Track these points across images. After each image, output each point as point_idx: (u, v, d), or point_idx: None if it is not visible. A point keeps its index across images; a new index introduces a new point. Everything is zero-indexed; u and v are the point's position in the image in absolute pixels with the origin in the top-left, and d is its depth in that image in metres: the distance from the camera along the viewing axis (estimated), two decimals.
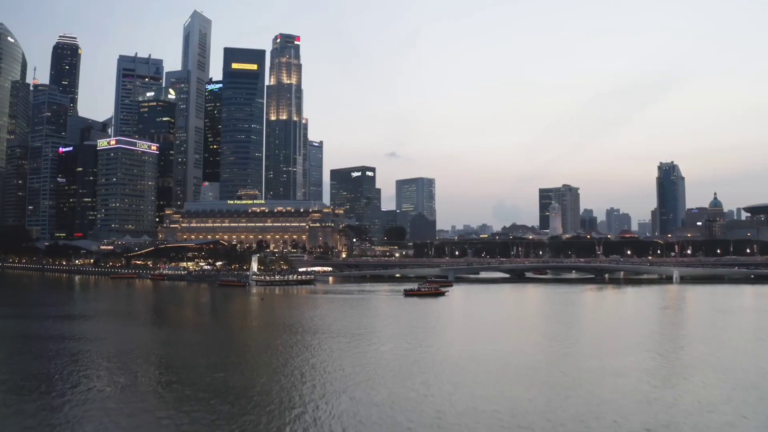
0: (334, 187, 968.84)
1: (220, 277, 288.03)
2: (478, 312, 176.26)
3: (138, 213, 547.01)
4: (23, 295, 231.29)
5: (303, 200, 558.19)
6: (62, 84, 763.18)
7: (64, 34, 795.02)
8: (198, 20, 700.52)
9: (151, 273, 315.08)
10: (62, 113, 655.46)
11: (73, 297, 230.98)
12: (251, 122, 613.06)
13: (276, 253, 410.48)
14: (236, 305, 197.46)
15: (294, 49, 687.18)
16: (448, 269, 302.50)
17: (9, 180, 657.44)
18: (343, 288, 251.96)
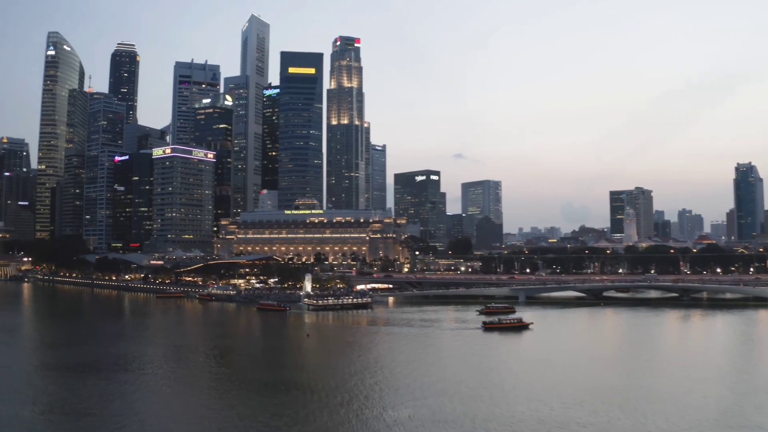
0: (397, 191, 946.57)
1: (262, 299, 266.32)
2: (582, 363, 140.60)
3: (195, 223, 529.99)
4: (76, 325, 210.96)
5: (363, 210, 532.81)
6: (121, 91, 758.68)
7: (122, 41, 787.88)
8: (256, 24, 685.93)
9: (199, 292, 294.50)
10: (118, 121, 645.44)
11: (122, 327, 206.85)
12: (309, 128, 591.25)
13: (334, 266, 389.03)
14: (273, 343, 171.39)
15: (354, 51, 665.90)
16: (518, 289, 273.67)
17: (67, 189, 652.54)
18: (405, 315, 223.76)
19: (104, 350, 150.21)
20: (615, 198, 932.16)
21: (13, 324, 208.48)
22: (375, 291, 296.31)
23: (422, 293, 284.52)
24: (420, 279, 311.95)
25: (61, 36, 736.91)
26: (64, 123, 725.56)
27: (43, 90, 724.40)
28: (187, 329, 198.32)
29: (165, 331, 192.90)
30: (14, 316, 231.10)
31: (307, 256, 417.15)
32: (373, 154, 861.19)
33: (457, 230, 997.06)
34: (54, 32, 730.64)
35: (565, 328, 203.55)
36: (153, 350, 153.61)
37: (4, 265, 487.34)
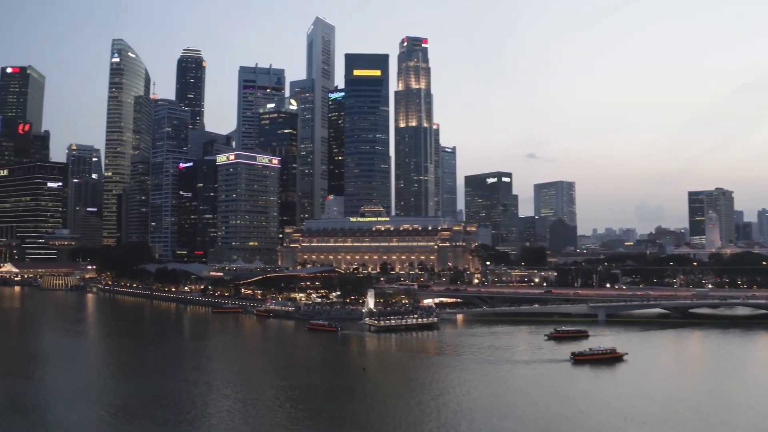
0: (468, 194, 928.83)
1: (320, 316, 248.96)
2: (709, 414, 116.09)
3: (259, 230, 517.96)
4: (136, 349, 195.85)
5: (432, 217, 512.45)
6: (188, 97, 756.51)
7: (188, 47, 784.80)
8: (321, 27, 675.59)
9: (257, 308, 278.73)
10: (183, 128, 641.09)
11: (180, 353, 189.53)
12: (376, 132, 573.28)
13: (401, 277, 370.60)
14: (320, 379, 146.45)
15: (422, 52, 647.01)
16: (597, 307, 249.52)
17: (133, 196, 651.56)
18: (475, 339, 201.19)
19: (155, 387, 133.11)
20: (694, 199, 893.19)
21: (76, 349, 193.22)
22: (442, 306, 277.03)
23: (493, 311, 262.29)
24: (491, 294, 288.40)
25: (126, 43, 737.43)
26: (130, 130, 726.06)
27: (109, 97, 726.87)
28: (234, 356, 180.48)
29: (212, 361, 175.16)
30: (78, 338, 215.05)
31: (373, 265, 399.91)
32: (443, 156, 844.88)
33: (530, 233, 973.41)
34: (118, 39, 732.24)
35: (661, 358, 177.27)
36: (190, 389, 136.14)
37: (68, 273, 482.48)
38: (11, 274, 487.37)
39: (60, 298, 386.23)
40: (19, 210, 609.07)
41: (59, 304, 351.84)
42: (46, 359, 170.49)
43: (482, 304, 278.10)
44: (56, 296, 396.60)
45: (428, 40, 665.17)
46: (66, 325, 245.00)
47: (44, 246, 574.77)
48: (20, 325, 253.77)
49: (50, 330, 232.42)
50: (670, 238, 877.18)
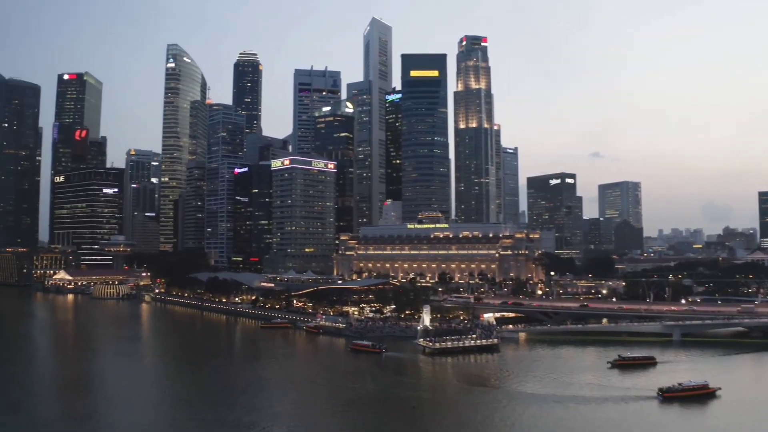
0: (531, 195, 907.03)
1: (372, 332, 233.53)
2: None
3: (315, 236, 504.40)
4: (189, 371, 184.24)
5: (492, 224, 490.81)
6: (244, 101, 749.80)
7: (245, 50, 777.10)
8: (377, 28, 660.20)
9: (306, 323, 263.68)
10: (238, 132, 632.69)
11: (230, 377, 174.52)
12: (434, 134, 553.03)
13: (461, 287, 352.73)
14: (363, 419, 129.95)
15: (481, 51, 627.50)
16: (672, 326, 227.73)
17: (189, 202, 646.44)
18: (540, 364, 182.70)
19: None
20: (765, 199, 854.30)
21: (133, 375, 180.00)
22: (503, 320, 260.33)
23: (557, 329, 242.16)
24: (555, 309, 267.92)
25: (181, 48, 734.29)
26: (186, 135, 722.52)
27: (165, 102, 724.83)
28: (275, 389, 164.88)
29: (255, 397, 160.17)
30: (134, 362, 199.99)
31: (431, 274, 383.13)
32: (505, 158, 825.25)
33: (594, 235, 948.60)
34: (173, 44, 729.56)
35: (760, 393, 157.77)
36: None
37: (122, 280, 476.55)
38: (64, 282, 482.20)
39: (112, 309, 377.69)
40: (75, 216, 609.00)
41: (112, 316, 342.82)
42: (104, 392, 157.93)
43: (546, 319, 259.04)
44: (108, 306, 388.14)
45: (488, 39, 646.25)
46: (121, 345, 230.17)
47: (100, 252, 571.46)
48: (75, 343, 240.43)
49: (106, 351, 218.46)
50: (740, 240, 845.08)
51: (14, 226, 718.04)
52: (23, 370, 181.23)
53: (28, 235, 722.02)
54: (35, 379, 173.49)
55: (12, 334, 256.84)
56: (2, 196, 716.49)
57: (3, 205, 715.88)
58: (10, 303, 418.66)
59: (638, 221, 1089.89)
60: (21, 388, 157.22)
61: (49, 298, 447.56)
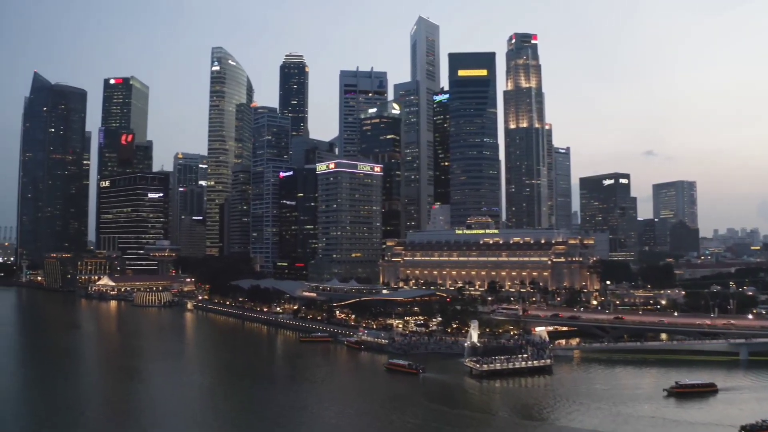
0: (583, 196, 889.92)
1: (409, 351, 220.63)
2: None
3: (362, 241, 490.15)
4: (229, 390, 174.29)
5: (545, 229, 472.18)
6: (291, 104, 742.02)
7: (290, 52, 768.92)
8: (424, 26, 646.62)
9: (347, 337, 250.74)
10: (284, 135, 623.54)
11: (271, 401, 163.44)
12: (483, 135, 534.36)
13: (511, 297, 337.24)
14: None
15: (531, 49, 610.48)
16: (739, 344, 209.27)
17: (234, 206, 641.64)
18: (598, 390, 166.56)
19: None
20: None
21: (181, 397, 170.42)
22: (556, 334, 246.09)
23: (614, 347, 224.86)
24: (612, 323, 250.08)
25: (225, 51, 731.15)
26: (232, 138, 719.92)
27: (210, 106, 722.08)
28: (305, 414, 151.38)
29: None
30: (180, 382, 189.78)
31: (480, 282, 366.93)
32: (556, 158, 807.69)
33: (649, 237, 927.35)
34: (218, 48, 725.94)
35: None
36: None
37: (166, 286, 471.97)
38: (107, 288, 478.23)
39: (154, 318, 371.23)
40: (121, 221, 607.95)
41: (154, 327, 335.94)
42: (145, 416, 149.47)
43: (602, 334, 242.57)
44: (150, 315, 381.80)
45: (537, 36, 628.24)
46: (162, 363, 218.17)
47: (145, 257, 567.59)
48: (118, 360, 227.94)
49: (148, 370, 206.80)
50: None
51: (62, 230, 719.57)
52: (68, 389, 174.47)
53: (75, 239, 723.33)
54: (81, 398, 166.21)
55: (57, 348, 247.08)
56: (50, 200, 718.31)
57: (50, 209, 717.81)
58: (55, 311, 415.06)
59: (693, 222, 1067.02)
60: (67, 409, 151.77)
61: (92, 306, 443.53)
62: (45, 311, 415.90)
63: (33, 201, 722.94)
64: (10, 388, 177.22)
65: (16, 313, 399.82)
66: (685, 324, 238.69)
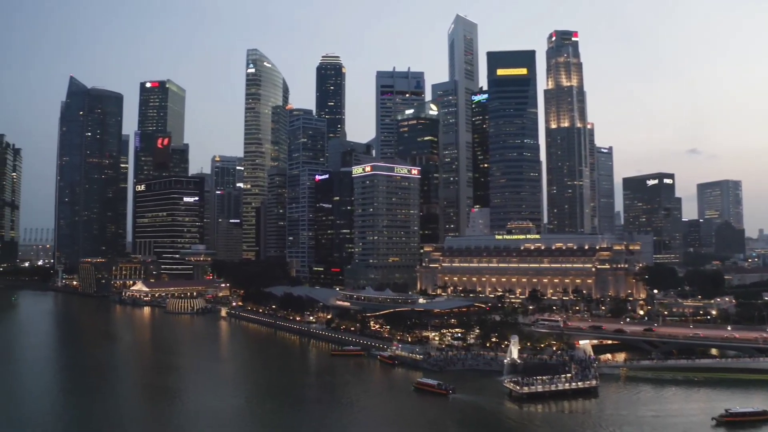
0: (626, 197, 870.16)
1: (445, 368, 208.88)
2: None
3: (399, 246, 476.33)
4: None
5: (588, 234, 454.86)
6: (328, 105, 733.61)
7: (327, 53, 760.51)
8: (462, 25, 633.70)
9: (380, 351, 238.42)
10: (320, 138, 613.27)
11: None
12: (523, 137, 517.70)
13: (554, 306, 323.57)
14: None
15: (572, 46, 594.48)
16: None
17: (270, 209, 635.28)
18: (648, 417, 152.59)
19: None
20: None
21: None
22: (600, 348, 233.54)
23: (663, 365, 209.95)
24: (660, 338, 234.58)
25: (261, 53, 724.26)
26: (268, 141, 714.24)
27: (246, 108, 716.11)
28: None
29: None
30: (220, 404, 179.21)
31: (521, 289, 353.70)
32: (598, 158, 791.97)
33: (694, 238, 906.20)
34: (253, 50, 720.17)
35: None
36: None
37: (200, 292, 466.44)
38: (141, 294, 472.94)
39: (186, 326, 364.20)
40: (156, 225, 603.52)
41: (188, 337, 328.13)
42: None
43: (650, 349, 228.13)
44: (183, 323, 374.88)
45: (578, 33, 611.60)
46: (198, 380, 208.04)
47: (180, 261, 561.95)
48: (153, 375, 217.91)
49: (183, 388, 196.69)
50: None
51: (99, 234, 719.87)
52: (100, 409, 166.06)
53: (113, 243, 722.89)
54: (113, 421, 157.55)
55: (91, 362, 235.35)
56: (87, 204, 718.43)
57: (87, 213, 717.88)
58: (89, 319, 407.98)
59: (739, 222, 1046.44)
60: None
61: (126, 312, 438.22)
62: (79, 319, 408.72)
63: (70, 205, 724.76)
64: (43, 408, 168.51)
65: (51, 322, 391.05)
66: (739, 338, 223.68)
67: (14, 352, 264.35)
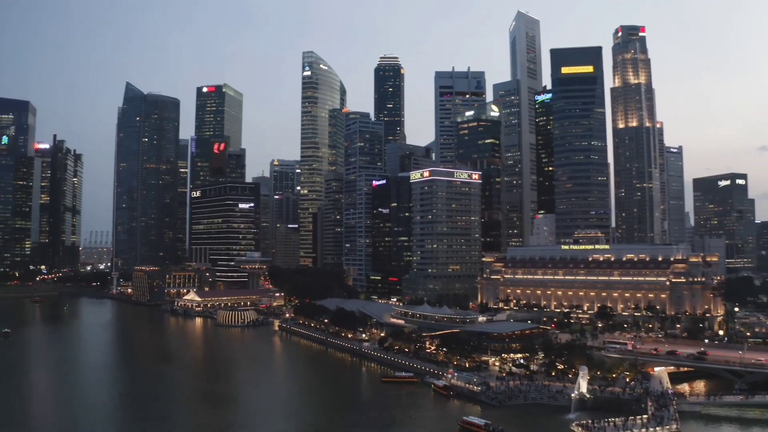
0: (697, 199, 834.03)
1: (507, 401, 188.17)
2: None
3: (459, 255, 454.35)
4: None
5: (662, 245, 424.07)
6: (387, 107, 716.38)
7: (385, 54, 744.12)
8: (523, 22, 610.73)
9: (435, 379, 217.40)
10: (377, 141, 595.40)
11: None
12: (591, 138, 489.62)
13: (625, 323, 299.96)
14: None
15: (639, 42, 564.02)
16: None
17: (327, 215, 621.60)
18: None
19: None
20: None
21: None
22: (677, 375, 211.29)
23: (752, 402, 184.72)
24: (746, 366, 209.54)
25: (317, 55, 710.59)
26: (325, 145, 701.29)
27: (302, 112, 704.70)
28: None
29: None
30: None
31: (589, 304, 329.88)
32: (668, 158, 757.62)
33: (767, 241, 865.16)
34: (308, 52, 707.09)
35: None
36: None
37: (254, 301, 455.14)
38: (193, 304, 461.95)
39: (238, 341, 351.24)
40: (212, 232, 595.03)
41: (240, 354, 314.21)
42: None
43: (734, 379, 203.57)
44: (234, 337, 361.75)
45: (645, 28, 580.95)
46: (249, 413, 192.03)
47: (235, 269, 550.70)
48: (204, 414, 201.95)
49: (236, 423, 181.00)
50: None
51: (157, 240, 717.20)
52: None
53: (170, 249, 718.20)
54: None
55: (147, 390, 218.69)
56: (145, 210, 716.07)
57: (145, 219, 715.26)
58: (140, 333, 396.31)
59: None
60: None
61: (178, 325, 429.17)
62: (130, 335, 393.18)
63: (128, 211, 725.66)
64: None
65: (99, 338, 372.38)
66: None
67: (63, 375, 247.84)
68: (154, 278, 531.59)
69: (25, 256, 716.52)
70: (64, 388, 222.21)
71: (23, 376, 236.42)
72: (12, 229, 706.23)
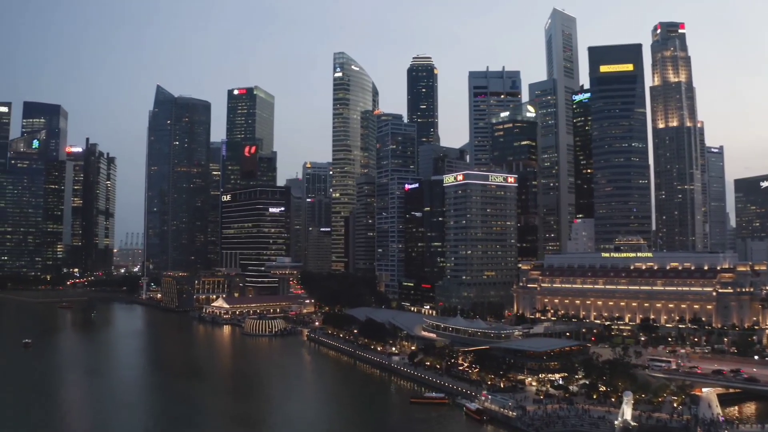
0: (739, 200, 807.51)
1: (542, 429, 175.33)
2: None
3: (494, 261, 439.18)
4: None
5: (707, 253, 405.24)
6: (420, 108, 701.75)
7: (418, 54, 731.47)
8: (559, 20, 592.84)
9: (467, 401, 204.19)
10: (409, 144, 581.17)
11: None
12: (631, 140, 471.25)
13: (669, 336, 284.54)
14: None
15: (679, 39, 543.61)
16: None
17: (359, 219, 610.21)
18: None
19: None
20: None
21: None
22: (727, 398, 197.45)
23: None
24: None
25: (348, 56, 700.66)
26: (357, 147, 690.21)
27: (333, 114, 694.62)
28: None
29: None
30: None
31: (631, 315, 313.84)
32: (709, 159, 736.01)
33: None
34: (339, 53, 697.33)
35: None
36: None
37: (284, 308, 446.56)
38: (221, 311, 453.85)
39: (265, 351, 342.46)
40: (242, 236, 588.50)
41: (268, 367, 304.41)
42: None
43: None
44: (261, 347, 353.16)
45: (684, 25, 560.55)
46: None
47: (265, 274, 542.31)
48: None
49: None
50: None
51: (188, 244, 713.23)
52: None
53: (202, 253, 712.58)
54: None
55: (178, 412, 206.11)
56: (176, 214, 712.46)
57: (176, 223, 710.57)
58: (168, 343, 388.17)
59: None
60: None
61: (206, 333, 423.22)
62: (158, 345, 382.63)
63: (159, 214, 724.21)
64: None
65: (129, 348, 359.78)
66: None
67: (84, 395, 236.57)
68: (182, 284, 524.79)
69: (57, 260, 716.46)
70: (84, 411, 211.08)
71: (41, 396, 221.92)
72: (43, 233, 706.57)
